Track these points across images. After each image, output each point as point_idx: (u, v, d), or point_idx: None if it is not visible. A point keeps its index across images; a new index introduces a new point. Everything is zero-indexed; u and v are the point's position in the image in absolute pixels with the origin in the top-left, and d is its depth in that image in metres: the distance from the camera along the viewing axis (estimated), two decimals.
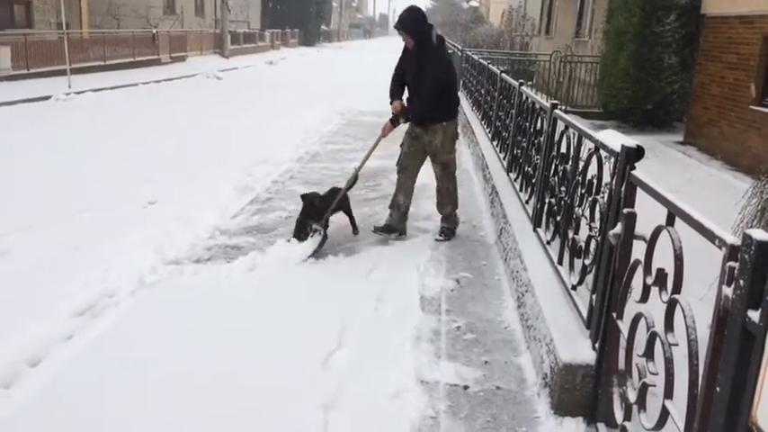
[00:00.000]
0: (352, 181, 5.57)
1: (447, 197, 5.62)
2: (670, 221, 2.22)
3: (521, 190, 5.52)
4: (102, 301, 4.13)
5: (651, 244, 2.34)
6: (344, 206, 5.58)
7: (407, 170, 5.53)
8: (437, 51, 5.22)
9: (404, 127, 5.51)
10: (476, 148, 8.80)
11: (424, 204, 6.77)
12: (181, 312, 4.08)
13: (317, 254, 5.02)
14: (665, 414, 2.08)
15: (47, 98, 14.41)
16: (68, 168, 8.05)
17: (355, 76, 24.50)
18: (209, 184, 7.13)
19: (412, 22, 5.14)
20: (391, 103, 5.44)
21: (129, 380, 3.26)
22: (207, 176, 7.55)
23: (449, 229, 5.68)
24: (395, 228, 5.52)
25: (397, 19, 5.31)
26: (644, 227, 2.53)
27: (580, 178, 3.50)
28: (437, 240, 5.55)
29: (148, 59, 23.72)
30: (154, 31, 25.02)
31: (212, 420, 2.95)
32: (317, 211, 5.18)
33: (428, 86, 5.13)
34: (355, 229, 5.64)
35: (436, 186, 5.67)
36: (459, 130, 5.58)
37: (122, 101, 15.35)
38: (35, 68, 17.33)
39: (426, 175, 5.66)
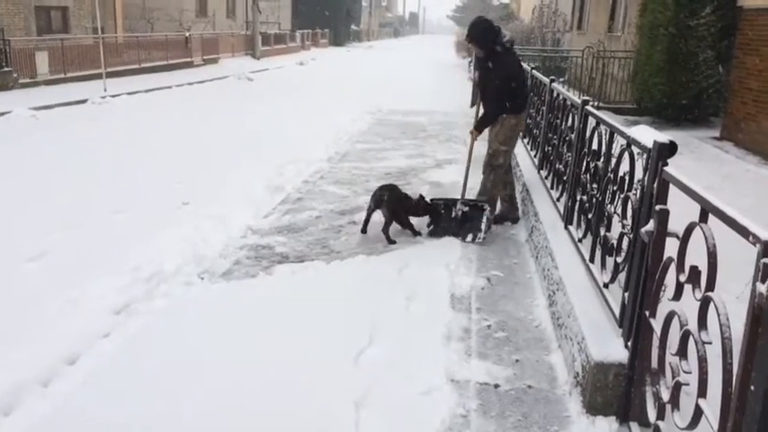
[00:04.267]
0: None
1: (483, 190, 5.77)
2: (703, 218, 2.19)
3: (552, 187, 5.48)
4: (137, 300, 4.21)
5: (684, 241, 2.31)
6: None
7: None
8: (502, 56, 5.51)
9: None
10: None
11: None
12: (214, 311, 4.13)
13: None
14: (698, 413, 2.06)
15: (83, 101, 14.71)
16: (104, 169, 8.21)
17: (384, 76, 24.54)
18: (242, 183, 7.21)
19: (479, 33, 5.53)
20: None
21: (165, 379, 3.32)
22: (239, 176, 7.63)
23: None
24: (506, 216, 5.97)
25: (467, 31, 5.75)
26: (677, 224, 2.50)
27: (612, 175, 3.47)
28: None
29: (181, 62, 24.07)
30: (186, 33, 25.38)
31: (245, 417, 2.99)
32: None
33: (491, 88, 5.59)
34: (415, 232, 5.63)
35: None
36: (518, 124, 5.73)
37: (156, 103, 15.61)
38: (72, 73, 17.71)
39: (459, 172, 5.69)
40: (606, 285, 3.38)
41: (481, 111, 5.82)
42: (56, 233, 5.60)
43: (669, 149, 2.66)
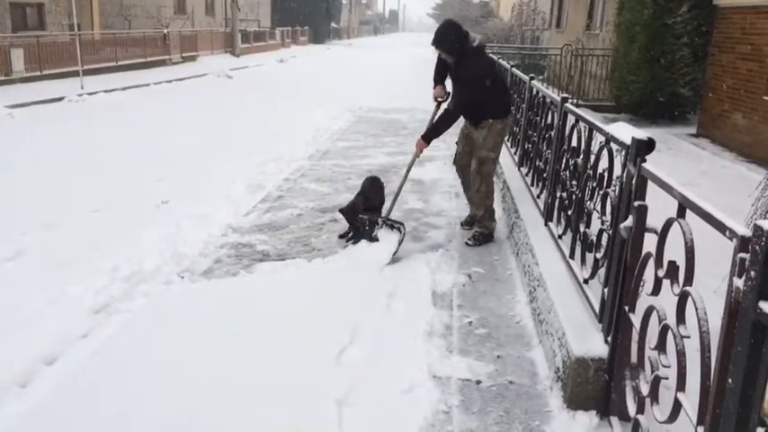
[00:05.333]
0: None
1: (477, 199, 5.41)
2: (681, 213, 2.21)
3: (532, 184, 5.51)
4: (116, 299, 4.17)
5: (662, 236, 2.33)
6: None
7: (463, 168, 5.59)
8: (472, 60, 5.15)
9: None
10: None
11: (435, 200, 6.78)
12: (195, 310, 4.10)
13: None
14: (677, 407, 2.08)
15: (60, 99, 14.52)
16: (82, 168, 8.11)
17: (365, 74, 24.51)
18: (222, 182, 7.16)
19: (443, 39, 5.16)
20: (434, 88, 5.52)
21: (145, 379, 3.29)
22: (219, 175, 7.58)
23: (480, 234, 5.42)
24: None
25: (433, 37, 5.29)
26: (655, 219, 2.52)
27: (591, 172, 3.49)
28: (467, 245, 5.35)
29: (160, 59, 23.81)
30: (165, 31, 25.11)
31: (228, 417, 2.98)
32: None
33: (464, 92, 5.21)
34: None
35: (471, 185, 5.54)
36: (504, 129, 5.41)
37: (134, 101, 15.44)
38: (48, 70, 17.46)
39: (439, 170, 5.68)
40: (586, 281, 3.41)
41: (439, 113, 5.37)
42: (33, 232, 5.53)
43: (647, 146, 2.68)
